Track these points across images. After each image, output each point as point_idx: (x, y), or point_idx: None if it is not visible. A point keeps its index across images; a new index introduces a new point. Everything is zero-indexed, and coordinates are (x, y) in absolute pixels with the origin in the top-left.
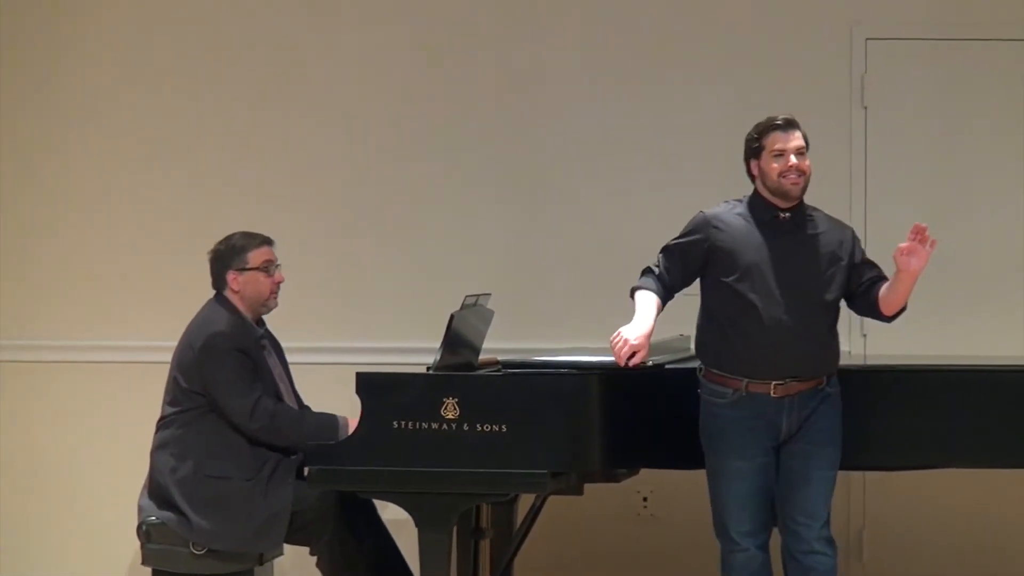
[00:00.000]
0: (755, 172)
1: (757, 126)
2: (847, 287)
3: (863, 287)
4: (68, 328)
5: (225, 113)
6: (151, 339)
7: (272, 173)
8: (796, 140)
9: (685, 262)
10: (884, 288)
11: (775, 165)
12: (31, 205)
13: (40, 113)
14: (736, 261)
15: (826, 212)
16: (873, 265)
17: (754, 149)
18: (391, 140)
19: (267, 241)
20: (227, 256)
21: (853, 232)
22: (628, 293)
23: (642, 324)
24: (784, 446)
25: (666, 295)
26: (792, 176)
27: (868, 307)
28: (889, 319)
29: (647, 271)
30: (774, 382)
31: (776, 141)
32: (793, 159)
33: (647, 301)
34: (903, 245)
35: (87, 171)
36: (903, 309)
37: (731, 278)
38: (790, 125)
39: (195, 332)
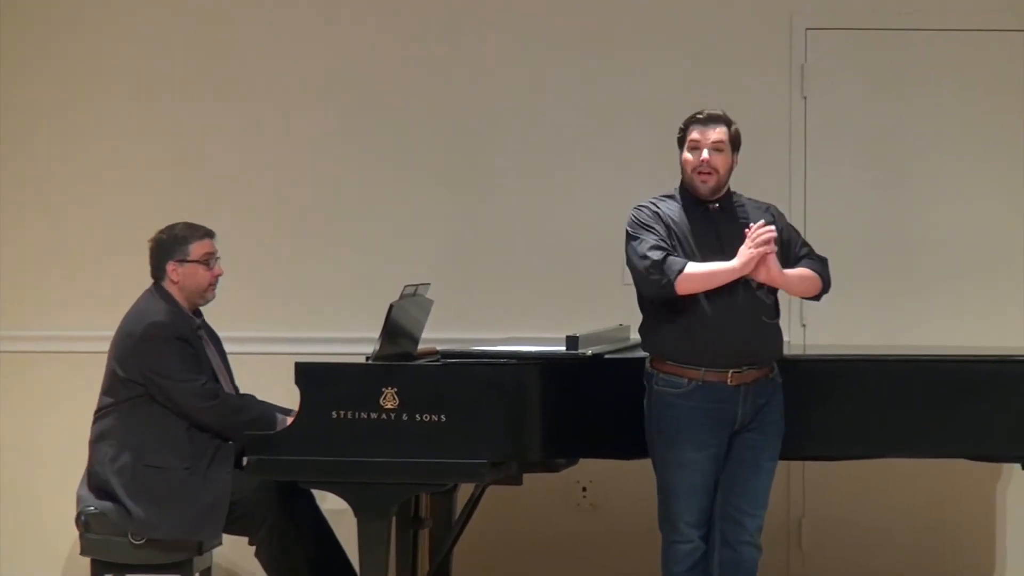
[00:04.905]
0: (681, 163)
1: (686, 118)
2: (783, 263)
3: (791, 263)
4: (19, 319)
5: (167, 109)
6: (88, 329)
7: (213, 165)
8: (715, 135)
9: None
10: None
11: (689, 157)
12: None
13: (2, 110)
14: (683, 251)
15: (752, 198)
16: (801, 241)
17: (679, 140)
18: (331, 131)
19: (209, 234)
20: (168, 246)
21: (774, 207)
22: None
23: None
24: (736, 435)
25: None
26: (702, 172)
27: None
28: (815, 298)
29: (658, 264)
30: (731, 371)
31: (693, 133)
32: (705, 154)
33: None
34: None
35: (34, 166)
36: (826, 289)
37: None
38: (711, 120)
39: (133, 322)
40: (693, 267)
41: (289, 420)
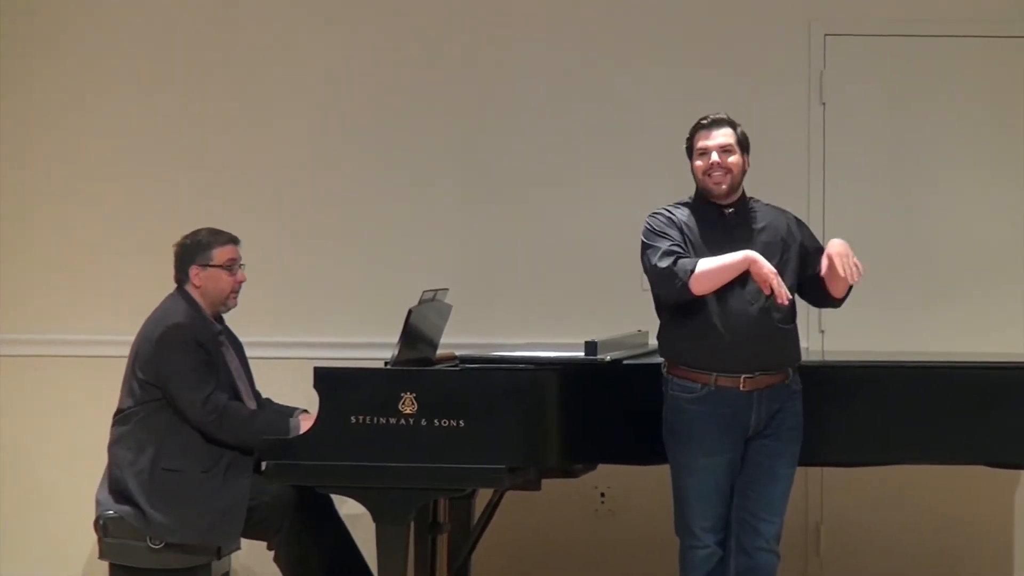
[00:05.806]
0: (693, 171)
1: (691, 126)
2: (801, 272)
3: (813, 275)
4: (26, 323)
5: (186, 114)
6: (110, 333)
7: (233, 171)
8: (721, 138)
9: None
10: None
11: (699, 163)
12: None
13: (5, 113)
14: (696, 256)
15: (771, 203)
16: (821, 251)
17: (687, 149)
18: (349, 137)
19: (233, 240)
20: (192, 250)
21: (794, 215)
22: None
23: (753, 255)
24: (752, 442)
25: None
26: (716, 175)
27: (817, 294)
28: (839, 302)
29: (670, 268)
30: (743, 376)
31: (700, 139)
32: (715, 156)
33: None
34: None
35: (36, 168)
36: (851, 288)
37: None
38: (715, 124)
39: (154, 324)
40: (703, 264)
41: (302, 418)
